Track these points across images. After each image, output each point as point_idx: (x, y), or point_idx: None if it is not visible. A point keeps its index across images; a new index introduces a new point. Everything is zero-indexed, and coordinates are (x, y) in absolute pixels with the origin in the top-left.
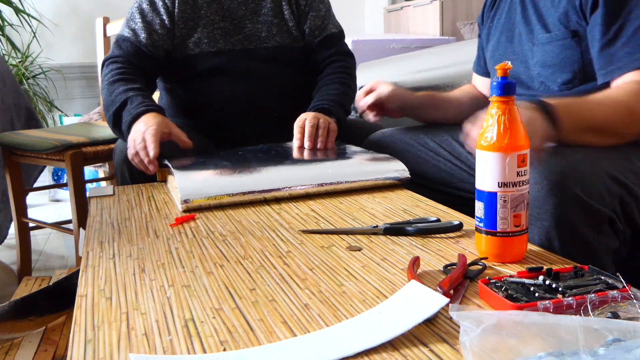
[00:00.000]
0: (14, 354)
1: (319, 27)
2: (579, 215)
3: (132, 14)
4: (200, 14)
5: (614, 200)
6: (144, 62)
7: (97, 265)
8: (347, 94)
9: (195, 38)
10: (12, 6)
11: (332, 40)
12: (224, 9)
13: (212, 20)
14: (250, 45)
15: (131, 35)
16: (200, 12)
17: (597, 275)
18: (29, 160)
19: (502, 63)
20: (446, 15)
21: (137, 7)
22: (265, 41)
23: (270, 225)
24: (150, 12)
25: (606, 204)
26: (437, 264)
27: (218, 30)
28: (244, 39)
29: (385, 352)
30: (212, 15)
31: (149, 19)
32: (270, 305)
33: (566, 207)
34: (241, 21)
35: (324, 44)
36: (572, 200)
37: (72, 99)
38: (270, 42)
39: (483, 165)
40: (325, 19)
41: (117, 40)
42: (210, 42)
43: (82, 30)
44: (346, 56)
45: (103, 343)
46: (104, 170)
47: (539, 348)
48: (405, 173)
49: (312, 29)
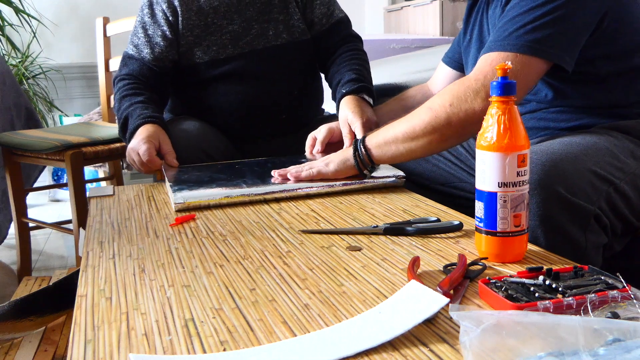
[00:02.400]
0: (14, 354)
1: (326, 14)
2: (563, 213)
3: (136, 28)
4: (207, 22)
5: (599, 197)
6: (150, 77)
7: (97, 265)
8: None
9: (203, 46)
10: (12, 6)
11: (341, 25)
12: (232, 12)
13: (219, 25)
14: (259, 46)
15: (135, 52)
16: (207, 20)
17: (597, 275)
18: (29, 160)
19: (502, 63)
20: (446, 15)
21: (139, 21)
22: (272, 40)
23: (270, 225)
24: (151, 25)
25: (591, 201)
26: (437, 264)
27: (227, 34)
28: (252, 40)
29: (385, 352)
30: (220, 20)
31: (150, 33)
32: (270, 305)
33: (549, 205)
34: (249, 23)
35: (333, 29)
36: (555, 198)
37: (72, 99)
38: (278, 40)
39: (483, 165)
40: (331, 5)
41: (123, 58)
42: (219, 49)
43: (82, 30)
44: (355, 39)
45: (103, 343)
46: (104, 170)
47: (539, 348)
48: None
49: (320, 17)
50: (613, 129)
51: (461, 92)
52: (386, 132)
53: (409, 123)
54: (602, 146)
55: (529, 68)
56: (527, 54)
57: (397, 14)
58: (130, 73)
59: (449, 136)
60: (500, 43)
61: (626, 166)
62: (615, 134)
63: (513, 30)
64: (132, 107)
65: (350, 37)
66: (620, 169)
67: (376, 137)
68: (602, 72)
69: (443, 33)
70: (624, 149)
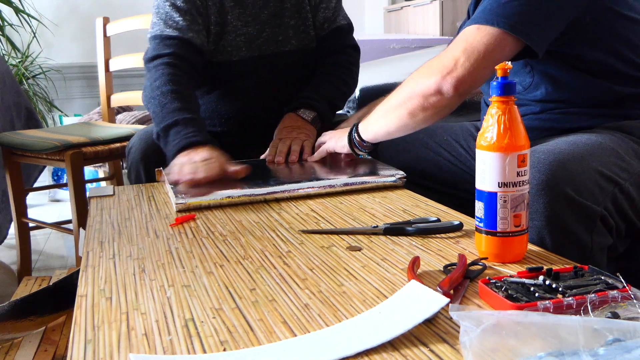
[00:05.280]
0: (14, 354)
1: (329, 20)
2: (570, 213)
3: (168, 13)
4: (226, 20)
5: (605, 198)
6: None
7: (97, 265)
8: (339, 88)
9: (220, 45)
10: (12, 6)
11: (340, 33)
12: (247, 14)
13: (235, 26)
14: (267, 51)
15: (178, 33)
16: (226, 18)
17: (597, 275)
18: (29, 160)
19: (502, 63)
20: (446, 15)
21: (170, 6)
22: (282, 45)
23: (270, 225)
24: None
25: (598, 202)
26: (437, 264)
27: (241, 37)
28: (262, 44)
29: (385, 352)
30: (236, 21)
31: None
32: (270, 305)
33: (557, 206)
34: (262, 26)
35: (331, 37)
36: (563, 199)
37: (72, 99)
38: (287, 46)
39: (483, 165)
40: (336, 11)
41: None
42: (233, 50)
43: (82, 30)
44: (351, 49)
45: (103, 343)
46: (104, 170)
47: (539, 348)
48: (400, 178)
49: (322, 22)
50: (617, 129)
51: (426, 67)
52: (373, 112)
53: (386, 100)
54: (607, 146)
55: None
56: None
57: (397, 14)
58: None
59: (412, 110)
60: (477, 17)
61: (631, 166)
62: (618, 134)
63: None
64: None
65: (344, 48)
66: (625, 169)
67: (365, 119)
68: (609, 70)
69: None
70: (628, 149)
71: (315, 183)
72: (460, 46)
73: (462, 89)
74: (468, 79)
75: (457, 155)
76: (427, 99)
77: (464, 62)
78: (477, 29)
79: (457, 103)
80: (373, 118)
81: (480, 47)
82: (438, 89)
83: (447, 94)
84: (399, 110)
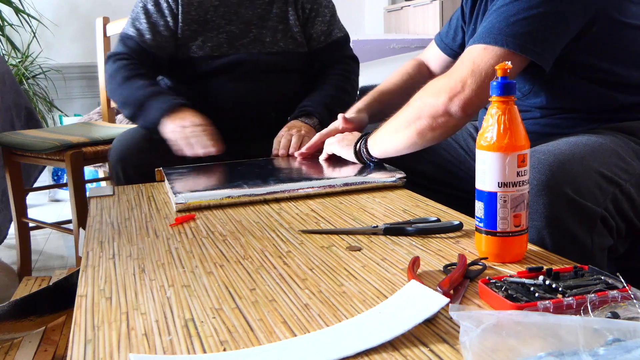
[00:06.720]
0: (14, 354)
1: (325, 33)
2: (571, 214)
3: (137, 14)
4: (206, 18)
5: (606, 199)
6: (148, 61)
7: (97, 265)
8: (338, 97)
9: (199, 41)
10: (12, 6)
11: (337, 45)
12: (232, 12)
13: (217, 24)
14: (254, 50)
15: (136, 34)
16: (206, 16)
17: (597, 275)
18: (29, 160)
19: (502, 63)
20: (446, 15)
21: (142, 7)
22: (269, 46)
23: (270, 225)
24: (155, 12)
25: (598, 203)
26: (437, 264)
27: (224, 34)
28: (249, 44)
29: (385, 352)
30: (219, 19)
31: (154, 20)
32: (270, 305)
33: (557, 207)
34: (247, 26)
35: (329, 49)
36: (563, 199)
37: (72, 99)
38: (274, 47)
39: (483, 165)
40: (331, 24)
41: (122, 38)
42: (214, 45)
43: (82, 30)
44: (349, 60)
45: (103, 343)
46: (104, 170)
47: (539, 348)
48: (400, 178)
49: (318, 35)
50: (617, 130)
51: (433, 86)
52: (381, 128)
53: (395, 117)
54: (607, 147)
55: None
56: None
57: (397, 14)
58: (129, 53)
59: (421, 130)
60: (483, 35)
61: (631, 167)
62: (619, 135)
63: (496, 22)
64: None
65: (343, 59)
66: (625, 170)
67: (373, 134)
68: (614, 79)
69: None
70: (629, 149)
71: (315, 183)
72: (467, 67)
73: (470, 110)
74: (475, 100)
75: (457, 155)
76: (435, 119)
77: (471, 83)
78: (484, 49)
79: (465, 122)
80: (381, 135)
81: (487, 69)
82: (446, 111)
83: (455, 115)
84: (408, 130)
